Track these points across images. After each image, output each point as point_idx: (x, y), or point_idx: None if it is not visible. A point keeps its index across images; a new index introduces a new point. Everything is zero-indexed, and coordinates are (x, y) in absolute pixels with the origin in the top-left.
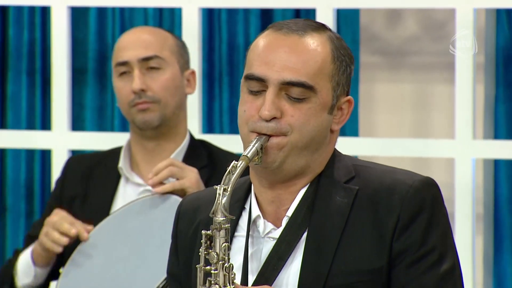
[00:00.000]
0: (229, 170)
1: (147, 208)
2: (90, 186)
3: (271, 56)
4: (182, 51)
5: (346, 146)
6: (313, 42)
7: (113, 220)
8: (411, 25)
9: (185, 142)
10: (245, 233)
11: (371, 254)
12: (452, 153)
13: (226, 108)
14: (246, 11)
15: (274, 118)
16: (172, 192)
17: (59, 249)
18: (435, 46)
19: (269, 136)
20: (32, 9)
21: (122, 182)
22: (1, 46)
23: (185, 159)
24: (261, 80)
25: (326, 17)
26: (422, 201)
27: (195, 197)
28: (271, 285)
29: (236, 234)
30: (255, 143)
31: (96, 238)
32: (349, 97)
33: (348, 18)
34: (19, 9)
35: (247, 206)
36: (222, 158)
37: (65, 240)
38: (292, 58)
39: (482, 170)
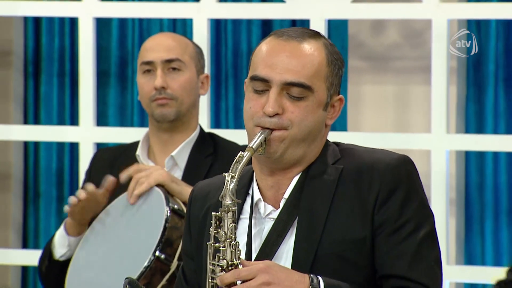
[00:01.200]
0: (236, 160)
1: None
2: (113, 175)
3: (274, 59)
4: (199, 57)
5: (336, 139)
6: (311, 48)
7: (116, 204)
8: (392, 34)
9: (195, 134)
10: (248, 216)
11: (355, 225)
12: (429, 145)
13: (231, 107)
14: (249, 22)
15: (277, 114)
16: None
17: (73, 209)
18: (413, 52)
19: (272, 130)
20: (62, 19)
21: None
22: (35, 52)
23: (193, 148)
24: (265, 81)
25: (318, 26)
26: (398, 176)
27: (206, 184)
28: (271, 259)
29: (241, 216)
30: (259, 136)
31: (105, 215)
32: (340, 95)
33: (338, 28)
34: (50, 19)
35: (250, 192)
36: (226, 148)
37: (75, 200)
38: (292, 62)
39: (454, 161)
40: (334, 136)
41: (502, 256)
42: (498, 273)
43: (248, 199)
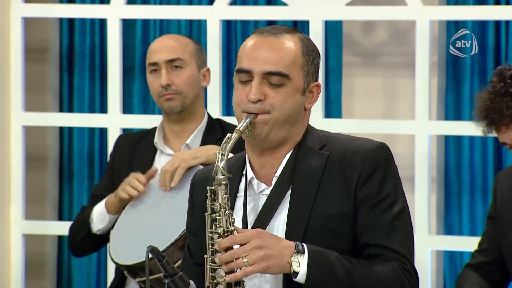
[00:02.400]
0: (225, 140)
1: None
2: (134, 157)
3: (255, 53)
4: (199, 53)
5: (333, 126)
6: (287, 42)
7: (153, 185)
8: (381, 33)
9: (203, 122)
10: (243, 193)
11: (340, 201)
12: (413, 131)
13: None
14: (256, 22)
15: (259, 100)
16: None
17: (129, 197)
18: (400, 49)
19: (256, 114)
20: (92, 20)
21: (157, 153)
22: (69, 49)
23: (204, 134)
24: (248, 72)
25: (316, 27)
26: (377, 160)
27: (205, 170)
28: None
29: (238, 195)
30: (245, 120)
31: (144, 195)
32: (317, 82)
33: (333, 28)
34: (82, 20)
35: (244, 172)
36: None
37: (134, 192)
38: (271, 54)
39: (436, 144)
40: (331, 123)
41: (477, 226)
42: (474, 241)
43: (243, 179)
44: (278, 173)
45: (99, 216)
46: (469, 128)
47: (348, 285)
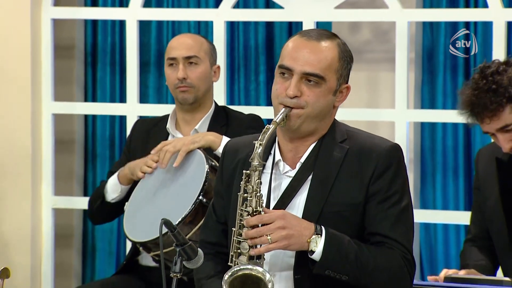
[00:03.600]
0: (264, 131)
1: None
2: (148, 140)
3: (297, 54)
4: (212, 52)
5: None
6: (326, 46)
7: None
8: (365, 33)
9: (211, 110)
10: (270, 171)
11: (354, 192)
12: (393, 118)
13: (242, 88)
14: (256, 23)
15: (296, 96)
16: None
17: (143, 175)
18: (381, 47)
19: (292, 108)
20: (113, 22)
21: (169, 137)
22: (92, 47)
23: (211, 121)
24: (289, 69)
25: (309, 27)
26: (390, 159)
27: (235, 142)
28: (285, 209)
29: (264, 171)
30: (282, 113)
31: (157, 170)
32: (347, 84)
33: (323, 28)
34: (104, 21)
35: (272, 152)
36: (235, 117)
37: (149, 170)
38: (311, 57)
39: (413, 130)
40: None
41: (449, 202)
42: (446, 215)
43: (270, 158)
44: (302, 159)
45: (112, 187)
46: (442, 116)
47: (356, 266)
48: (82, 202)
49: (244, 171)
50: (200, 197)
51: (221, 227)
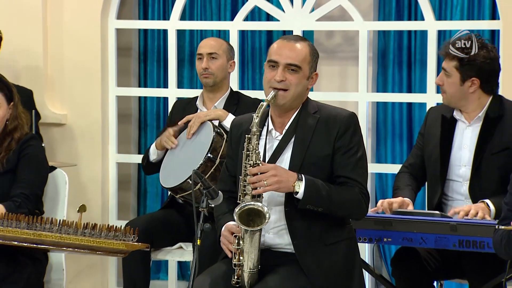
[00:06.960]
0: (259, 107)
1: (200, 127)
2: (184, 113)
3: (280, 51)
4: (229, 50)
5: (309, 96)
6: (301, 46)
7: (182, 135)
8: (338, 38)
9: (227, 93)
10: (265, 137)
11: (324, 147)
12: (357, 99)
13: (250, 78)
14: (260, 31)
15: (282, 81)
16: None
17: (171, 146)
18: (349, 48)
19: (278, 89)
20: (159, 30)
21: (198, 111)
22: (144, 48)
23: (226, 101)
24: (275, 62)
25: (298, 34)
26: (350, 123)
27: (239, 118)
28: (275, 162)
29: (261, 137)
30: (271, 93)
31: (180, 140)
32: (316, 72)
33: (308, 35)
34: (152, 30)
35: (266, 124)
36: (244, 99)
37: (168, 146)
38: (291, 53)
39: (371, 107)
40: (309, 95)
41: (396, 158)
42: (394, 167)
43: (265, 128)
44: (287, 127)
45: (152, 151)
46: (392, 97)
47: (328, 201)
48: (136, 158)
49: (246, 136)
50: (209, 154)
51: (232, 179)
